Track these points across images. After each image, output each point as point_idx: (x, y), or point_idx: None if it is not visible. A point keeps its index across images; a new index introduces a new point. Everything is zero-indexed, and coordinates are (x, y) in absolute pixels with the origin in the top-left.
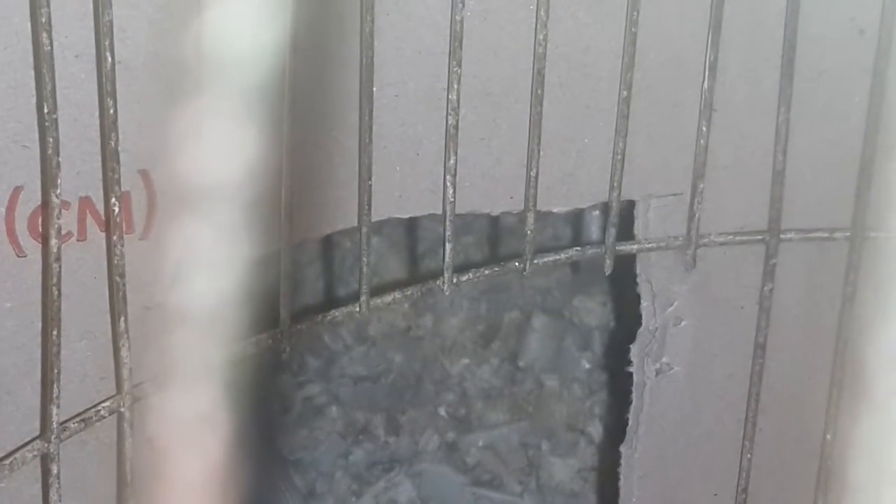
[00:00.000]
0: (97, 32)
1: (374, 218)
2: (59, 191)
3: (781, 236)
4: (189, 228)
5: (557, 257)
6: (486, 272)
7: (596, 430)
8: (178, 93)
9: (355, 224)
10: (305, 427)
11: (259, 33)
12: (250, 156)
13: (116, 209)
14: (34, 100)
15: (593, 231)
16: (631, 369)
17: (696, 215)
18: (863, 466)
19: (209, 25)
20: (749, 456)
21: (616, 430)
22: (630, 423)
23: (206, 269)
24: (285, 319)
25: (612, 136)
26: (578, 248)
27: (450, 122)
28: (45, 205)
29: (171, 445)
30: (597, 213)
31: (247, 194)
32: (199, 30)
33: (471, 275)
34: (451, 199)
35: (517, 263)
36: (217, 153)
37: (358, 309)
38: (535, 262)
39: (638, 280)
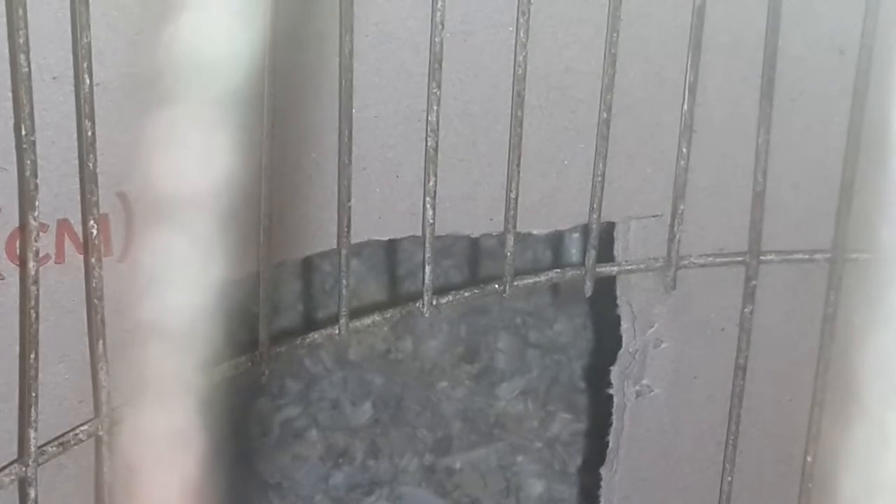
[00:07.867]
0: (75, 54)
1: (354, 240)
2: (37, 213)
3: (762, 258)
4: (167, 251)
5: (537, 279)
6: (466, 294)
7: (576, 452)
8: (155, 116)
9: (335, 246)
10: (285, 451)
11: (237, 56)
12: (228, 181)
13: (95, 231)
14: (12, 122)
15: (573, 253)
16: (611, 391)
17: (677, 237)
18: (854, 478)
19: (187, 49)
20: (730, 478)
21: (596, 452)
22: (610, 445)
23: (184, 293)
24: (264, 342)
25: (592, 157)
26: (558, 270)
27: (429, 143)
28: (23, 227)
29: (148, 469)
30: (577, 234)
31: (224, 218)
32: (177, 53)
33: (450, 297)
34: (431, 221)
35: (497, 286)
36: (194, 177)
37: (337, 331)
38: (515, 284)
39: (618, 302)
